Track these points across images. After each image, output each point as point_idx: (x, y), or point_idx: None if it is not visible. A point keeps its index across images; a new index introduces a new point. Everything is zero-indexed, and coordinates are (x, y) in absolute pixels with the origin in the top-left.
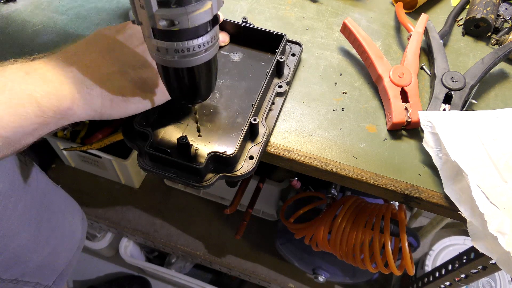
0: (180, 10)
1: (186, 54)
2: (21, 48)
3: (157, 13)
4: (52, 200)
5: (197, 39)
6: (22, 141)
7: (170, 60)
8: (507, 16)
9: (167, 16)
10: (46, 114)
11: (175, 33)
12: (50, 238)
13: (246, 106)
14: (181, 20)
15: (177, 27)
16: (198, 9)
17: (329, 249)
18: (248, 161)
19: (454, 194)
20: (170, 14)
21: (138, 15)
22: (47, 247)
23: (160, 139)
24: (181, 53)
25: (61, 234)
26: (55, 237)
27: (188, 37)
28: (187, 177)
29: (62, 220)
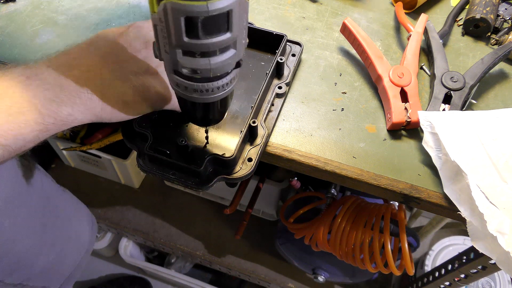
0: (204, 61)
1: (205, 93)
2: (21, 48)
3: (181, 61)
4: (58, 204)
5: (217, 82)
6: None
7: (188, 95)
8: (506, 16)
9: (191, 65)
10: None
11: (198, 78)
12: (55, 242)
13: (246, 106)
14: (203, 71)
15: (200, 75)
16: (222, 59)
17: (328, 249)
18: (247, 163)
19: (453, 194)
20: (193, 63)
21: (161, 54)
22: (53, 251)
23: (159, 140)
24: (199, 92)
25: (67, 238)
26: (61, 241)
27: (209, 81)
28: (186, 179)
29: (68, 224)
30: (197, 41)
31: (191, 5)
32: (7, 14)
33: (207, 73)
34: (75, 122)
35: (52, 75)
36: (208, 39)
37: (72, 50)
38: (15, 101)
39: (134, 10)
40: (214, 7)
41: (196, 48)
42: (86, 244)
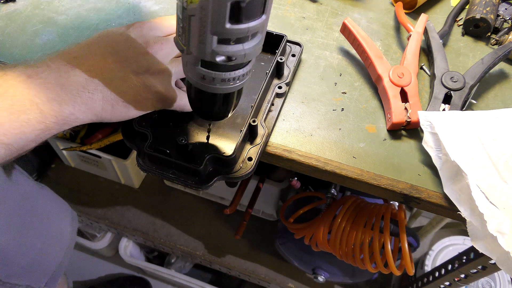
0: (238, 47)
1: (231, 82)
2: (21, 48)
3: (216, 49)
4: (36, 203)
5: (243, 69)
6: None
7: (212, 86)
8: (506, 16)
9: (226, 52)
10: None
11: (228, 66)
12: (35, 241)
13: (246, 106)
14: (238, 56)
15: (234, 62)
16: (253, 44)
17: (328, 249)
18: (247, 162)
19: (453, 194)
20: (228, 50)
21: (191, 47)
22: (33, 250)
23: (159, 140)
24: (226, 82)
25: (47, 236)
26: (41, 239)
27: (238, 68)
28: (186, 178)
29: (47, 222)
30: (238, 26)
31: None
32: (7, 14)
33: (241, 58)
34: (76, 121)
35: (53, 74)
36: (247, 23)
37: (73, 50)
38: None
39: (134, 10)
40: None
41: (235, 34)
42: (67, 241)
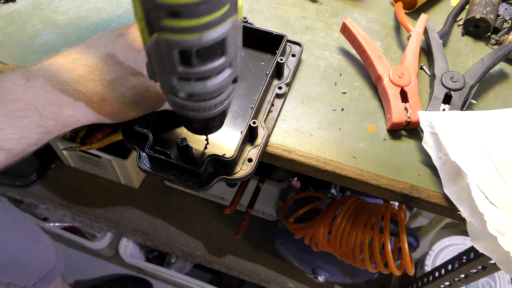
0: (200, 84)
1: (202, 111)
2: (21, 48)
3: (176, 86)
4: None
5: (215, 99)
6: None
7: (186, 113)
8: (506, 16)
9: (186, 90)
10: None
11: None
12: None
13: (246, 107)
14: (200, 94)
15: (196, 98)
16: (218, 81)
17: (328, 249)
18: (247, 163)
19: (453, 194)
20: (189, 88)
21: (156, 78)
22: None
23: (159, 141)
24: (197, 111)
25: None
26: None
27: (206, 100)
28: (186, 179)
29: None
30: (192, 69)
31: (184, 40)
32: (7, 14)
33: (203, 96)
34: (76, 123)
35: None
36: (203, 66)
37: (72, 51)
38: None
39: None
40: (207, 38)
41: (191, 76)
42: (50, 245)
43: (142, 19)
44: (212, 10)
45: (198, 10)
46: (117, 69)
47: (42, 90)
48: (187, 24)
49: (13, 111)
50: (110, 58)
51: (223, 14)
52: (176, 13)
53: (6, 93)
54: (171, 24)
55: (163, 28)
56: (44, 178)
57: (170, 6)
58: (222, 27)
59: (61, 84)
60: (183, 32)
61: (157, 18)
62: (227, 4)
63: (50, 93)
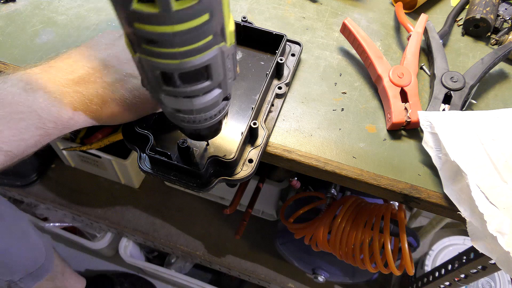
0: (187, 101)
1: (192, 124)
2: (21, 48)
3: (164, 100)
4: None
5: (204, 114)
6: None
7: (178, 123)
8: (506, 16)
9: (173, 105)
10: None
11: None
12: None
13: (246, 107)
14: (186, 111)
15: (183, 114)
16: (206, 100)
17: (328, 249)
18: (248, 164)
19: (453, 194)
20: (176, 104)
21: (146, 88)
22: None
23: (160, 142)
24: (187, 123)
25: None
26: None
27: (194, 115)
28: (186, 180)
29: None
30: (175, 89)
31: (164, 63)
32: (7, 14)
33: (190, 112)
34: (76, 125)
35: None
36: (187, 87)
37: (72, 53)
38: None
39: None
40: (188, 65)
41: (176, 94)
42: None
43: (126, 37)
44: (190, 41)
45: (175, 41)
46: (117, 71)
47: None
48: (165, 51)
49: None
50: (110, 60)
51: (205, 43)
52: (154, 41)
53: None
54: (150, 49)
55: (143, 51)
56: (44, 178)
57: (148, 34)
58: (205, 55)
59: (61, 86)
60: (162, 57)
61: (138, 42)
62: (210, 35)
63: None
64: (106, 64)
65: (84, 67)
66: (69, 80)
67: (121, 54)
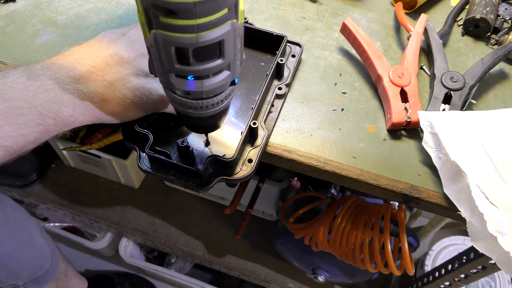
0: (197, 83)
1: (199, 110)
2: (21, 48)
3: (174, 82)
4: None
5: (212, 99)
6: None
7: (184, 110)
8: (506, 16)
9: (183, 87)
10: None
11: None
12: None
13: (246, 107)
14: (196, 93)
15: (193, 96)
16: (215, 81)
17: (328, 249)
18: (247, 164)
19: (453, 194)
20: (186, 85)
21: (155, 73)
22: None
23: (160, 141)
24: (194, 109)
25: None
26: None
27: (203, 99)
28: (186, 180)
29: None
30: (188, 68)
31: (181, 37)
32: (7, 14)
33: (200, 94)
34: (76, 123)
35: (53, 76)
36: (199, 65)
37: (74, 51)
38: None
39: (134, 10)
40: (204, 39)
41: (188, 73)
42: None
43: (142, 14)
44: (209, 12)
45: (194, 11)
46: (119, 70)
47: (42, 89)
48: (184, 23)
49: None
50: (112, 59)
51: (221, 16)
52: (173, 12)
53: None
54: (168, 22)
55: (160, 25)
56: (44, 178)
57: (168, 4)
58: (220, 29)
59: (62, 83)
60: (179, 31)
61: (155, 15)
62: (226, 7)
63: (50, 91)
64: (107, 63)
65: (86, 65)
66: (70, 77)
67: (123, 53)
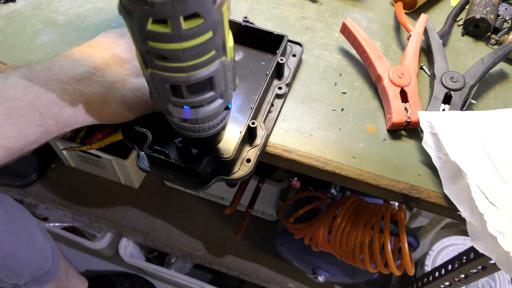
0: (192, 112)
1: (196, 132)
2: (21, 48)
3: (171, 110)
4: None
5: (208, 123)
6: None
7: (182, 132)
8: (506, 16)
9: (180, 115)
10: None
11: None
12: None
13: (245, 107)
14: (192, 120)
15: (189, 123)
16: (209, 109)
17: (328, 249)
18: (245, 164)
19: (453, 194)
20: (182, 114)
21: (154, 99)
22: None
23: (159, 141)
24: (192, 132)
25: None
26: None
27: (199, 124)
28: (185, 179)
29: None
30: (183, 100)
31: (174, 76)
32: (7, 14)
33: (195, 121)
34: (77, 124)
35: (54, 77)
36: (193, 97)
37: (74, 52)
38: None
39: None
40: (195, 77)
41: (182, 104)
42: (47, 249)
43: (139, 55)
44: (197, 56)
45: (183, 56)
46: (119, 71)
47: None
48: (175, 65)
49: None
50: (112, 59)
51: (209, 57)
52: (164, 57)
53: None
54: (161, 64)
55: (155, 66)
56: (44, 178)
57: (160, 51)
58: (209, 67)
59: (63, 84)
60: (172, 71)
61: (150, 58)
62: (213, 50)
63: (51, 92)
64: (107, 64)
65: (86, 66)
66: (71, 78)
67: (123, 53)
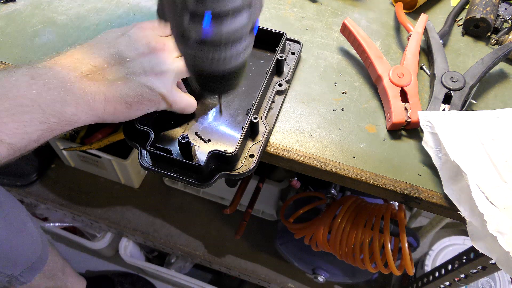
0: (214, 26)
1: (215, 63)
2: (21, 48)
3: (188, 28)
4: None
5: (230, 50)
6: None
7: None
8: (506, 16)
9: (198, 33)
10: (51, 121)
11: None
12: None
13: (246, 104)
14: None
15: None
16: (234, 25)
17: (328, 249)
18: (249, 159)
19: (453, 194)
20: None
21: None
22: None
23: (161, 138)
24: (210, 62)
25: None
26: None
27: (220, 49)
28: (187, 176)
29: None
30: (205, 5)
31: None
32: (7, 14)
33: (217, 42)
34: (79, 122)
35: (56, 76)
36: (218, 1)
37: (76, 51)
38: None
39: (134, 10)
40: None
41: (203, 10)
42: (36, 234)
43: None
44: None
45: None
46: (120, 69)
47: (45, 88)
48: None
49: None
50: (113, 58)
51: None
52: None
53: (10, 88)
54: None
55: None
56: (44, 178)
57: None
58: None
59: (65, 82)
60: None
61: None
62: None
63: (53, 90)
64: (109, 62)
65: (88, 65)
66: (73, 77)
67: (124, 52)
